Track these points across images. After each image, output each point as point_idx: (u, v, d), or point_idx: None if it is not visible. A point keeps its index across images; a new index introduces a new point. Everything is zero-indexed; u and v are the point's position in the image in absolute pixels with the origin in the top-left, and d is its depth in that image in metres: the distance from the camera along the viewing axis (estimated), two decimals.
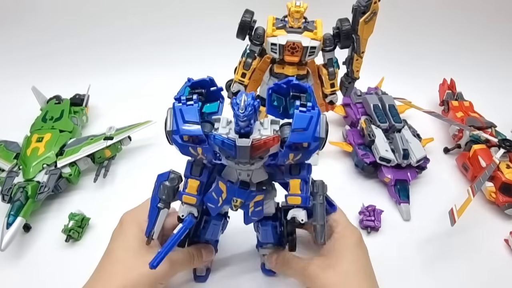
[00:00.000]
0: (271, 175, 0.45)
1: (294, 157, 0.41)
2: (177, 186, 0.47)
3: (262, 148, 0.40)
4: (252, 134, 0.39)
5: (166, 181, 0.46)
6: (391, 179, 0.67)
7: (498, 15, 1.09)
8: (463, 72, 0.94)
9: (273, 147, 0.40)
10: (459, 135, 0.78)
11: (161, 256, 0.43)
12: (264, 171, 0.45)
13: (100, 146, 0.69)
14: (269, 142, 0.39)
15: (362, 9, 0.58)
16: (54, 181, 0.63)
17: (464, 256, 0.57)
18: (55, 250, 0.58)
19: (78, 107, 0.80)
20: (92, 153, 0.69)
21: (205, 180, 0.45)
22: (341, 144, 0.76)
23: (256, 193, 0.44)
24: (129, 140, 0.73)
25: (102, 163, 0.70)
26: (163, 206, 0.46)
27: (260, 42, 0.63)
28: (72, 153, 0.68)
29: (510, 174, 0.65)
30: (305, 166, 0.43)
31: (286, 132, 0.40)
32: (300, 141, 0.40)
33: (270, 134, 0.40)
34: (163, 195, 0.46)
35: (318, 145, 0.41)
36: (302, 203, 0.43)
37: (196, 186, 0.45)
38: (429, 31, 1.10)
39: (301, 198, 0.43)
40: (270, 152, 0.41)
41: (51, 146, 0.68)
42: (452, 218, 0.59)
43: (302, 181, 0.43)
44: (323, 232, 0.45)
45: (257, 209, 0.46)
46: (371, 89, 0.88)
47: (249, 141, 0.39)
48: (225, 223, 0.52)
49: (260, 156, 0.41)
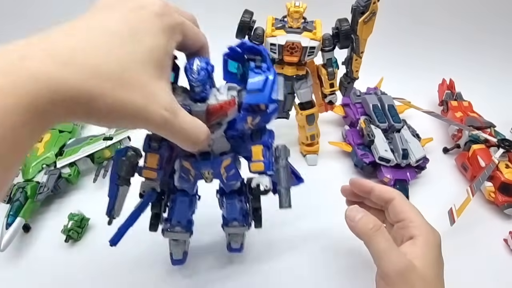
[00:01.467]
0: (235, 148, 0.45)
1: (252, 120, 0.40)
2: (135, 162, 0.44)
3: (218, 112, 0.39)
4: (208, 100, 0.39)
5: (123, 157, 0.44)
6: (390, 179, 0.67)
7: (498, 16, 1.09)
8: (462, 72, 0.94)
9: (230, 111, 0.39)
10: (458, 135, 0.78)
11: (121, 232, 0.43)
12: (226, 141, 0.44)
13: (99, 146, 0.69)
14: (225, 106, 0.39)
15: (361, 9, 0.58)
16: (54, 181, 0.63)
17: (463, 255, 0.57)
18: (54, 251, 0.58)
19: None
20: (92, 154, 0.69)
21: (165, 154, 0.43)
22: (340, 144, 0.77)
23: (221, 159, 0.44)
24: (128, 140, 0.73)
25: (101, 163, 0.70)
26: (122, 183, 0.44)
27: (260, 42, 0.63)
28: (71, 154, 0.68)
29: (509, 174, 0.65)
30: (266, 132, 0.43)
31: (243, 97, 0.39)
32: (256, 102, 0.39)
33: (226, 99, 0.39)
34: (122, 172, 0.44)
35: (276, 108, 0.41)
36: (265, 169, 0.42)
37: (155, 160, 0.43)
38: (428, 31, 1.10)
39: (263, 164, 0.42)
40: (229, 118, 0.40)
41: (50, 147, 0.68)
42: (452, 218, 0.59)
43: (264, 147, 0.43)
44: (287, 195, 0.43)
45: (230, 173, 0.45)
46: (370, 89, 0.88)
47: (204, 105, 0.38)
48: (194, 201, 0.51)
49: (218, 122, 0.40)
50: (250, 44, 0.40)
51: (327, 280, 0.55)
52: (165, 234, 0.52)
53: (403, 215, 0.46)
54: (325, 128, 0.81)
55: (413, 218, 0.45)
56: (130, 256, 0.57)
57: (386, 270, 0.41)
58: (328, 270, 0.56)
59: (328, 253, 0.58)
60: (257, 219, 0.51)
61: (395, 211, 0.47)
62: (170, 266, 0.55)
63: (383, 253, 0.41)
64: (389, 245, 0.42)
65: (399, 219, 0.46)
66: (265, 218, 0.61)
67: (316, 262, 0.57)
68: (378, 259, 0.42)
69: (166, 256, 0.56)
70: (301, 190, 0.68)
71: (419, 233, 0.43)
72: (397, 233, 0.46)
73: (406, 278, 0.40)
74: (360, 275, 0.52)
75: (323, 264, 0.57)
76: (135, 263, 0.56)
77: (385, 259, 0.41)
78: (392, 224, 0.48)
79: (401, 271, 0.40)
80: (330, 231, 0.60)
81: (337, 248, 0.58)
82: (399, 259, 0.40)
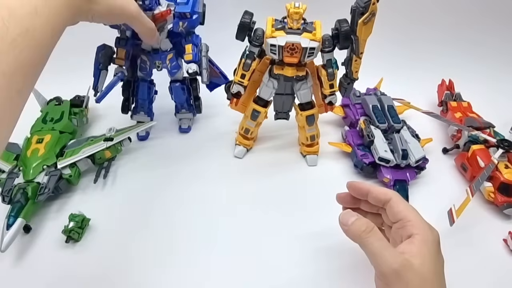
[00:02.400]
0: (179, 52, 0.72)
1: (183, 25, 0.67)
2: (110, 54, 0.69)
3: (160, 18, 0.63)
4: (154, 10, 0.63)
5: (103, 50, 0.69)
6: (390, 180, 0.68)
7: (497, 17, 1.09)
8: (462, 73, 0.94)
9: (168, 18, 0.64)
10: (458, 136, 0.78)
11: (103, 93, 0.68)
12: (169, 41, 0.70)
13: (100, 147, 0.69)
14: (164, 14, 0.63)
15: (360, 10, 0.58)
16: (54, 182, 0.63)
17: (462, 256, 0.57)
18: (55, 251, 0.58)
19: (78, 109, 0.79)
20: (92, 154, 0.69)
21: (130, 49, 0.69)
22: (340, 144, 0.77)
23: (166, 53, 0.71)
24: (129, 141, 0.73)
25: (102, 164, 0.70)
26: (103, 68, 0.69)
27: (260, 43, 0.64)
28: (72, 154, 0.68)
29: (508, 174, 0.65)
30: (194, 36, 0.71)
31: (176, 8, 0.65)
32: (183, 11, 0.65)
33: (165, 9, 0.64)
34: (102, 60, 0.69)
35: (198, 18, 0.68)
36: (193, 58, 0.69)
37: (123, 53, 0.69)
38: (428, 32, 1.10)
39: (192, 54, 0.69)
40: (168, 23, 0.66)
41: (51, 147, 0.68)
42: (451, 218, 0.59)
43: (193, 45, 0.69)
44: (207, 74, 0.72)
45: (173, 64, 0.72)
46: (370, 89, 0.88)
47: (150, 13, 0.63)
48: (152, 88, 0.77)
49: (161, 25, 0.65)
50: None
51: (329, 280, 0.55)
52: (133, 117, 0.79)
53: (400, 214, 0.46)
54: (325, 128, 0.81)
55: (410, 217, 0.45)
56: (130, 257, 0.57)
57: (382, 270, 0.41)
58: (330, 270, 0.56)
59: (329, 253, 0.58)
60: (197, 106, 0.81)
61: (392, 212, 0.47)
62: (168, 268, 0.55)
63: (378, 253, 0.42)
64: (382, 244, 0.42)
65: (397, 219, 0.46)
66: (265, 218, 0.61)
67: (317, 262, 0.57)
68: (373, 260, 0.42)
69: (165, 256, 0.56)
70: (302, 191, 0.69)
71: (416, 231, 0.43)
72: (396, 233, 0.46)
73: (402, 276, 0.40)
74: (361, 275, 0.52)
75: (324, 264, 0.57)
76: (135, 264, 0.56)
77: (380, 259, 0.41)
78: (390, 226, 0.48)
79: (397, 270, 0.40)
80: (331, 231, 0.59)
81: (338, 248, 0.58)
82: (394, 258, 0.41)
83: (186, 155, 0.77)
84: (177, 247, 0.59)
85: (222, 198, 0.67)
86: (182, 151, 0.78)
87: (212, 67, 0.77)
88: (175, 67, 0.73)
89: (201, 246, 0.59)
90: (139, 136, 0.79)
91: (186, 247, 0.59)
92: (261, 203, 0.66)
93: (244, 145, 0.77)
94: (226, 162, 0.75)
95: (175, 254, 0.58)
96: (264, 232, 0.61)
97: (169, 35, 0.70)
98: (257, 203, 0.66)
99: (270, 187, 0.69)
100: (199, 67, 0.71)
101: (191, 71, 0.68)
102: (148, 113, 0.79)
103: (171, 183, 0.70)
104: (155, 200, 0.66)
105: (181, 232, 0.61)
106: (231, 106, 0.74)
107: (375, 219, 0.51)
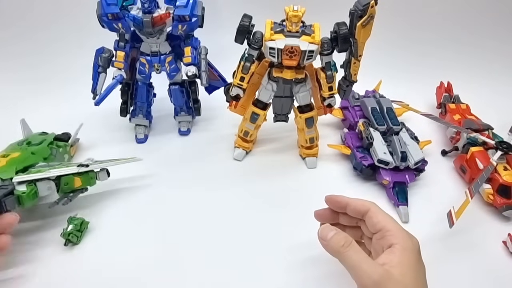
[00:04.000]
0: (178, 55, 0.73)
1: (182, 27, 0.68)
2: (110, 57, 0.70)
3: (160, 21, 0.65)
4: (153, 14, 0.65)
5: (102, 53, 0.70)
6: (389, 182, 0.68)
7: (495, 18, 1.10)
8: (460, 75, 0.94)
9: (167, 20, 0.66)
10: (457, 138, 0.79)
11: (102, 96, 0.68)
12: (168, 44, 0.71)
13: (70, 170, 0.59)
14: (163, 16, 0.64)
15: (359, 13, 0.58)
16: (0, 195, 0.52)
17: (462, 258, 0.57)
18: (53, 254, 0.57)
19: (62, 143, 0.71)
20: (59, 178, 0.58)
21: (129, 51, 0.70)
22: (339, 147, 0.77)
23: (165, 56, 0.71)
24: (107, 176, 0.65)
25: (67, 192, 0.60)
26: (102, 70, 0.70)
27: (259, 46, 0.64)
28: (35, 172, 0.57)
29: (507, 176, 0.65)
30: (193, 39, 0.72)
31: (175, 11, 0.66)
32: (182, 13, 0.66)
33: (164, 12, 0.65)
34: (101, 63, 0.70)
35: (197, 21, 0.68)
36: (192, 61, 0.70)
37: (122, 56, 0.69)
38: (427, 34, 1.11)
39: (191, 57, 0.70)
40: (167, 26, 0.67)
41: (13, 163, 0.58)
42: (450, 220, 0.59)
43: (192, 48, 0.71)
44: (206, 76, 0.73)
45: (172, 66, 0.73)
46: (369, 92, 0.88)
47: (150, 16, 0.64)
48: (150, 91, 0.78)
49: (160, 28, 0.66)
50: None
51: (329, 284, 0.55)
52: (131, 120, 0.80)
53: (380, 225, 0.46)
54: (324, 131, 0.81)
55: (389, 227, 0.45)
56: (129, 260, 0.57)
57: (362, 282, 0.41)
58: (328, 273, 0.56)
59: (329, 256, 0.58)
60: (196, 109, 0.81)
61: (371, 222, 0.47)
62: (167, 270, 0.55)
63: (357, 267, 0.42)
64: (361, 257, 0.42)
65: (376, 230, 0.46)
66: (264, 221, 0.61)
67: (316, 264, 0.57)
68: (353, 273, 0.42)
69: (164, 257, 0.56)
70: (301, 193, 0.69)
71: (396, 241, 0.43)
72: (377, 244, 0.46)
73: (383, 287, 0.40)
74: None
75: (323, 267, 0.57)
76: (134, 267, 0.56)
77: (360, 272, 0.41)
78: (370, 238, 0.48)
79: (377, 281, 0.40)
80: None
81: None
82: (373, 270, 0.41)
83: (185, 157, 0.77)
84: (175, 250, 0.58)
85: (221, 201, 0.67)
86: (181, 154, 0.78)
87: (211, 70, 0.77)
88: (174, 69, 0.73)
89: (196, 249, 0.58)
90: (138, 139, 0.80)
91: (184, 251, 0.58)
92: (261, 206, 0.66)
93: (243, 147, 0.77)
94: (226, 165, 0.75)
95: (173, 257, 0.57)
96: (263, 235, 0.61)
97: (168, 38, 0.71)
98: (256, 205, 0.66)
99: (270, 189, 0.69)
100: (198, 69, 0.71)
101: (190, 74, 0.69)
102: (146, 116, 0.80)
103: (169, 185, 0.70)
104: (153, 203, 0.66)
105: (179, 236, 0.61)
106: (230, 109, 0.74)
107: (354, 232, 0.51)
